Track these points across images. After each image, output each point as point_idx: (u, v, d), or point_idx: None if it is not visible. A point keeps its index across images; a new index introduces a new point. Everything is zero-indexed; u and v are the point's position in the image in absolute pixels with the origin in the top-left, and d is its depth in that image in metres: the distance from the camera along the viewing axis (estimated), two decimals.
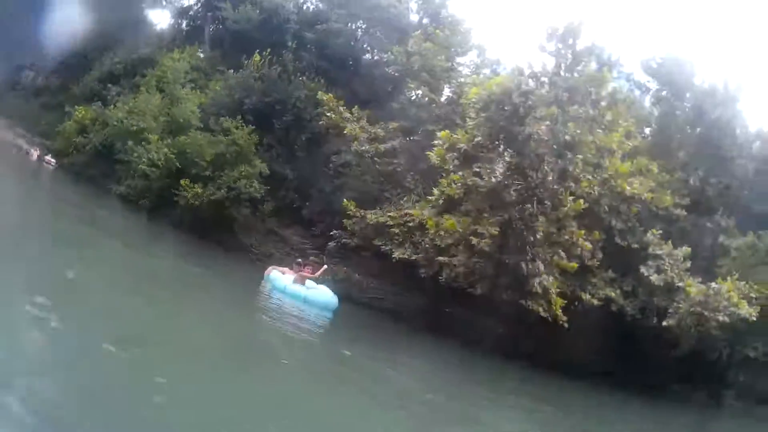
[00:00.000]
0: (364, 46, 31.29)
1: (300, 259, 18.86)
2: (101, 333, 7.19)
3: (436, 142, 17.29)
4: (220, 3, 34.33)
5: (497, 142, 16.75)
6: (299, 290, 16.55)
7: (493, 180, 16.23)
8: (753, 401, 20.87)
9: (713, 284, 16.46)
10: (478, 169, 16.61)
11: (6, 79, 47.72)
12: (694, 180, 20.77)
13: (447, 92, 22.37)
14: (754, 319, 16.25)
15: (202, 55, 34.63)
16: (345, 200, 20.36)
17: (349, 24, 30.30)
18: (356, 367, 10.64)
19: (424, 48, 21.14)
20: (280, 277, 17.33)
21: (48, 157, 33.55)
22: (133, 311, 8.72)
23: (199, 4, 40.76)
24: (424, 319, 20.40)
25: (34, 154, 34.01)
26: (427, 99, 21.62)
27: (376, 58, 30.24)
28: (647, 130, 23.32)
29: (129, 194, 26.29)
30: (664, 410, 17.61)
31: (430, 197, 17.48)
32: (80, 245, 12.94)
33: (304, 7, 33.79)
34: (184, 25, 41.72)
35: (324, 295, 16.90)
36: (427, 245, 17.93)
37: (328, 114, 21.78)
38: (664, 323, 16.95)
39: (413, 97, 22.91)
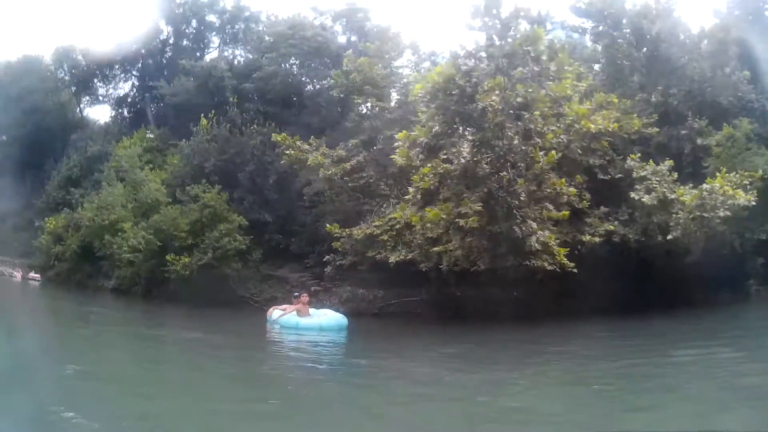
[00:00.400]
0: (303, 79, 31.77)
1: (297, 293, 18.83)
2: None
3: (397, 144, 17.32)
4: (155, 82, 35.12)
5: (455, 126, 16.79)
6: (312, 322, 16.58)
7: (462, 160, 16.25)
8: None
9: (705, 185, 16.64)
10: (445, 156, 16.67)
11: None
12: (656, 96, 20.94)
13: (395, 96, 22.68)
14: (754, 203, 16.48)
15: (151, 136, 34.88)
16: (328, 225, 20.45)
17: (282, 64, 30.72)
18: (398, 374, 10.42)
19: (359, 64, 21.32)
20: (285, 316, 17.30)
21: (32, 274, 33.77)
22: (161, 399, 8.24)
23: (135, 90, 41.26)
24: (438, 311, 20.58)
25: (18, 275, 34.47)
26: (377, 109, 21.81)
27: (317, 87, 30.68)
28: (596, 67, 23.52)
29: (120, 285, 26.53)
30: (694, 319, 17.72)
31: (408, 197, 17.46)
32: (87, 349, 12.67)
33: (235, 62, 34.68)
34: (125, 112, 42.51)
35: (335, 318, 17.04)
36: (419, 241, 18.01)
37: (287, 152, 21.85)
38: (669, 237, 17.07)
39: (364, 111, 23.03)
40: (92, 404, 7.67)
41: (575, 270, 16.21)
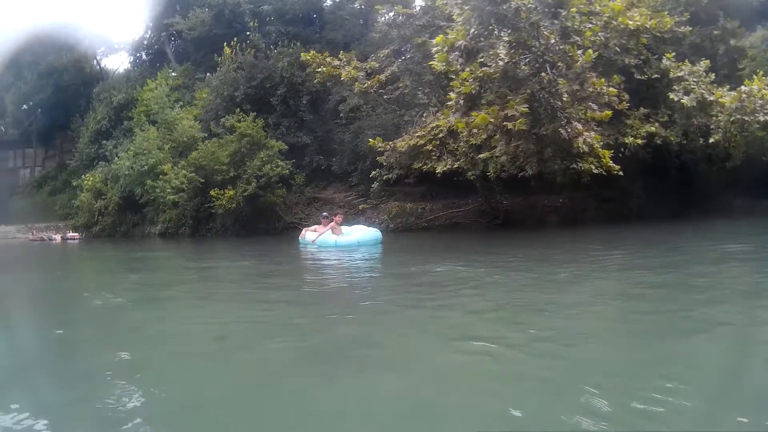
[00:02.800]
0: None
1: (325, 213, 18.90)
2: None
3: (434, 49, 17.04)
4: (170, 20, 34.48)
5: (491, 27, 16.45)
6: (349, 239, 16.63)
7: (500, 63, 16.03)
8: None
9: (743, 87, 16.26)
10: (481, 60, 16.43)
11: (4, 186, 48.92)
12: None
13: (419, 1, 22.17)
14: None
15: (174, 74, 34.72)
16: (370, 140, 20.13)
17: None
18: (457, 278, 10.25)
19: None
20: (322, 236, 17.31)
21: (69, 234, 34.12)
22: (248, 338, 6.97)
23: (150, 32, 40.83)
24: (486, 220, 20.78)
25: (57, 237, 34.64)
26: (402, 16, 21.23)
27: (337, 0, 30.17)
28: None
29: (167, 229, 26.96)
30: (734, 226, 17.54)
31: (449, 104, 17.24)
32: (151, 295, 12.26)
33: None
34: (143, 56, 42.11)
35: (371, 232, 17.10)
36: (464, 149, 17.92)
37: (319, 70, 21.52)
38: (711, 140, 16.91)
39: (389, 20, 22.69)
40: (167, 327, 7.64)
41: (621, 173, 15.94)
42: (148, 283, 12.72)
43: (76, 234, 33.89)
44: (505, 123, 15.65)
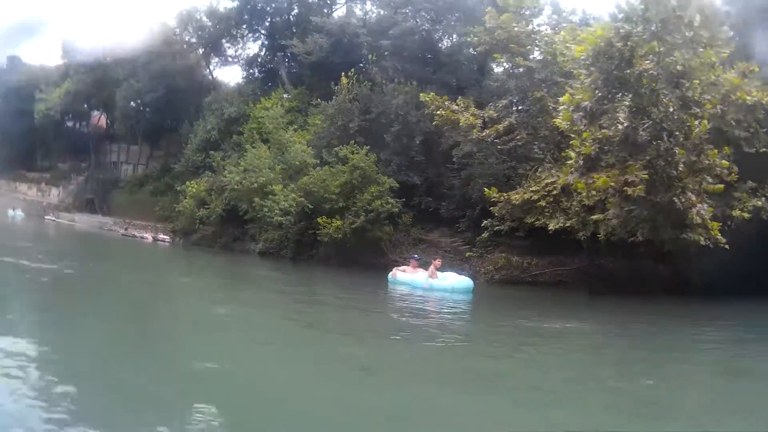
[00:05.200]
0: (439, 35, 31.07)
1: (416, 255, 19.90)
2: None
3: (561, 107, 17.38)
4: (285, 41, 35.33)
5: (614, 91, 16.76)
6: (444, 283, 17.66)
7: (620, 127, 16.28)
8: None
9: None
10: (602, 122, 16.70)
11: (107, 179, 51.19)
12: None
13: (537, 56, 22.16)
14: None
15: (288, 96, 35.02)
16: (485, 189, 20.48)
17: (416, 20, 30.12)
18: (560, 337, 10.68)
19: (503, 21, 21.15)
20: (414, 277, 18.36)
21: (161, 236, 35.55)
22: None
23: (265, 50, 41.99)
24: (589, 282, 20.65)
25: (149, 237, 36.18)
26: (522, 68, 21.60)
27: (453, 43, 30.08)
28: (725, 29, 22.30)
29: (269, 249, 27.18)
30: None
31: (569, 161, 17.46)
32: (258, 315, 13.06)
33: (368, 18, 33.99)
34: (256, 73, 42.96)
35: (465, 280, 17.97)
36: (576, 208, 18.12)
37: (437, 112, 22.00)
38: None
39: (506, 70, 22.95)
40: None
41: (727, 246, 15.92)
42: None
43: (167, 237, 35.20)
44: (625, 188, 16.00)
